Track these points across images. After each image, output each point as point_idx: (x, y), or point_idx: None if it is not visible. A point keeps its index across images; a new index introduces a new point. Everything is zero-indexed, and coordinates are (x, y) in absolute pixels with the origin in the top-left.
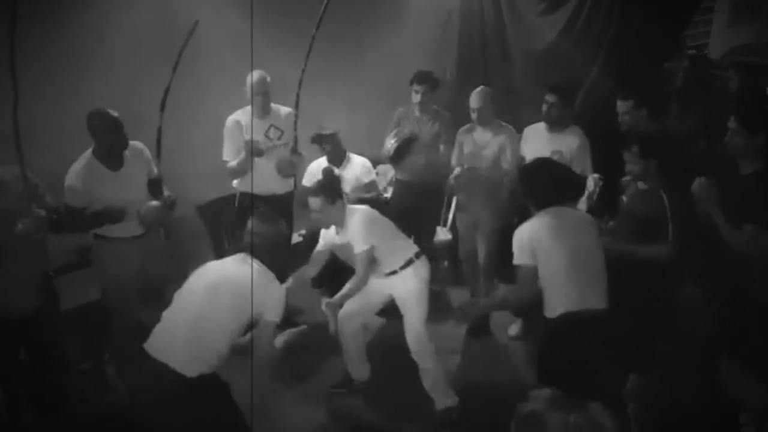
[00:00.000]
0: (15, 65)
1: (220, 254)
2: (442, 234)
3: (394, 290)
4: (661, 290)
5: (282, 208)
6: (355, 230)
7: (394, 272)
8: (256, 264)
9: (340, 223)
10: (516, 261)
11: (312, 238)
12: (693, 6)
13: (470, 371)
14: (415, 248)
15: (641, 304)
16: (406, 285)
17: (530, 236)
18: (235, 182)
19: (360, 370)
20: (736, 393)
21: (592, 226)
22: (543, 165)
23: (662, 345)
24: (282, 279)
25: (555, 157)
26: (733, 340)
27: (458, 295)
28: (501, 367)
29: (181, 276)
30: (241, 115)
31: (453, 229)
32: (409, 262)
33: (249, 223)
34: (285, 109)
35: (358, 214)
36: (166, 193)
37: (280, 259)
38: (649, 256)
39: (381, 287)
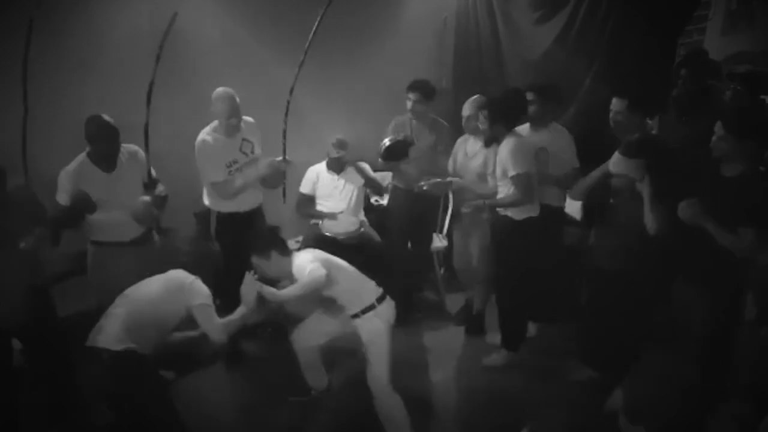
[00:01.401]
0: (27, 80)
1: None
2: (438, 241)
3: (357, 330)
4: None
5: (259, 219)
6: (302, 266)
7: (356, 315)
8: (182, 272)
9: (286, 275)
10: (517, 170)
11: (311, 245)
12: (686, 14)
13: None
14: (377, 293)
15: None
16: (368, 329)
17: (524, 146)
18: (207, 202)
19: (316, 379)
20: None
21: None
22: (509, 94)
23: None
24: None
25: (541, 155)
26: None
27: (454, 301)
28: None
29: None
30: (211, 134)
31: (449, 235)
32: (370, 308)
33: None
34: (247, 119)
35: (303, 255)
36: (159, 189)
37: (204, 273)
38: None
39: (346, 321)
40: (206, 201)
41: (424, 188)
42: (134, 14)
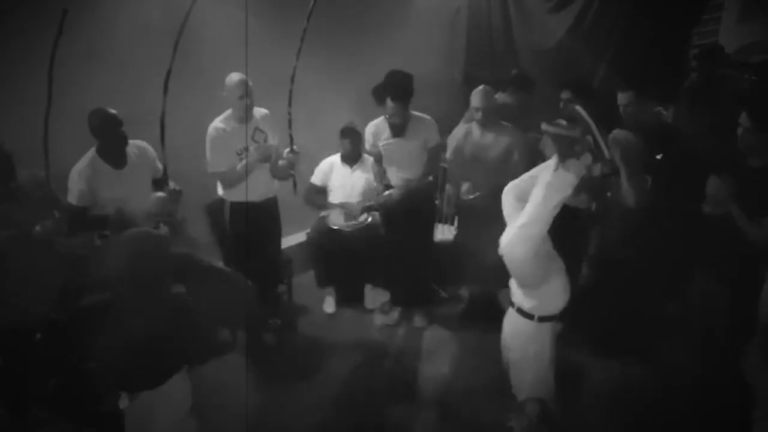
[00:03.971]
0: (53, 73)
1: (225, 251)
2: (449, 233)
3: None
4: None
5: (271, 210)
6: None
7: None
8: None
9: None
10: None
11: (318, 236)
12: (702, 3)
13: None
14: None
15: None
16: None
17: None
18: (221, 192)
19: None
20: (754, 382)
21: None
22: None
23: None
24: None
25: None
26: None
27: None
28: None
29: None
30: (224, 123)
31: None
32: None
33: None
34: (261, 110)
35: None
36: (171, 185)
37: None
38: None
39: None
40: (220, 191)
41: None
42: (146, 3)
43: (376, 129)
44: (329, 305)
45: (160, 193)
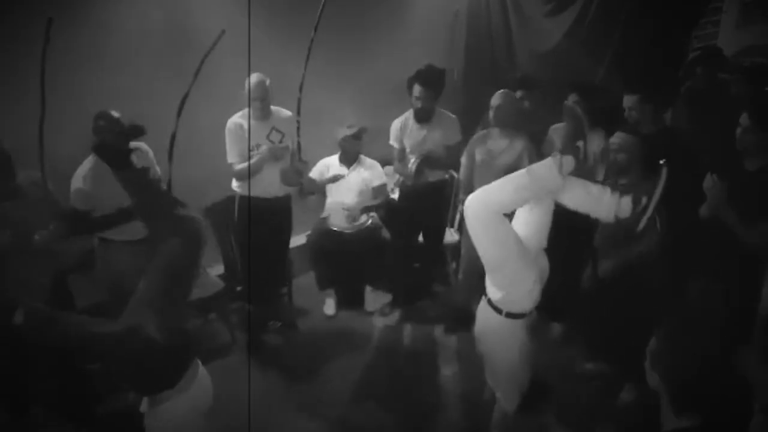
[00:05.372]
0: (45, 78)
1: (226, 254)
2: (449, 235)
3: None
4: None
5: (283, 209)
6: None
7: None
8: None
9: None
10: None
11: (318, 238)
12: (701, 6)
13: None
14: None
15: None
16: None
17: None
18: (235, 185)
19: None
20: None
21: None
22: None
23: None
24: None
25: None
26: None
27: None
28: None
29: None
30: (242, 118)
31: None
32: None
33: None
34: (286, 112)
35: None
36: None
37: None
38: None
39: None
40: (234, 184)
41: None
42: (146, 7)
43: (402, 122)
44: (329, 307)
45: None
